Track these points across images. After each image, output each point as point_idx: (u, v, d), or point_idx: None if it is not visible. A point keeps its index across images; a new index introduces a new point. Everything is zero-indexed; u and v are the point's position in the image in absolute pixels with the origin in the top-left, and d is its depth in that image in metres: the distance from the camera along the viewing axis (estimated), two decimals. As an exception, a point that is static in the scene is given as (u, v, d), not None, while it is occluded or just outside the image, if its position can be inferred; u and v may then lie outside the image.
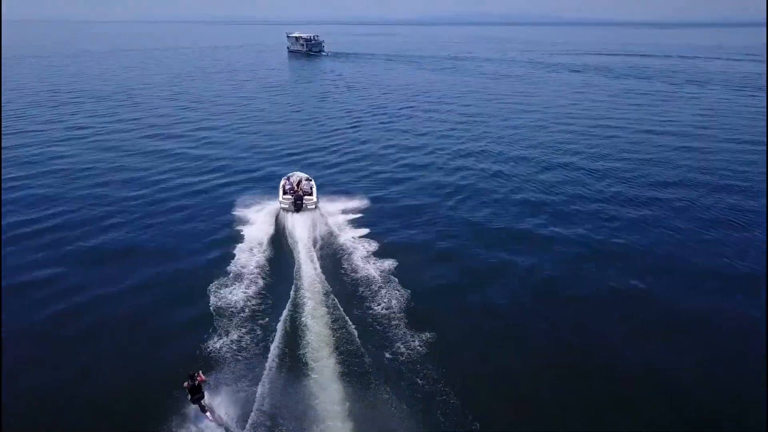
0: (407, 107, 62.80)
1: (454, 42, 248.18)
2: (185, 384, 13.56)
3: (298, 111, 60.68)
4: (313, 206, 26.34)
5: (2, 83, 75.50)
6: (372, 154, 41.04)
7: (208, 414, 13.91)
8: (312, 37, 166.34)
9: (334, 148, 42.94)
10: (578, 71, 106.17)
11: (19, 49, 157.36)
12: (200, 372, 13.90)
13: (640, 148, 42.90)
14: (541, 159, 39.95)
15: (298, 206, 25.89)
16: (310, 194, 26.70)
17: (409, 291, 19.86)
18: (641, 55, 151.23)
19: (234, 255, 22.27)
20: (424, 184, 33.85)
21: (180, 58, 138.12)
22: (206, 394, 14.01)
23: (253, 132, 49.12)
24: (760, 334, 18.29)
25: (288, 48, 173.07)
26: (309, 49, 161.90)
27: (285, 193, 26.64)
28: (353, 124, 52.29)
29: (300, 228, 24.34)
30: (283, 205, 26.20)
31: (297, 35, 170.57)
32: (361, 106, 63.25)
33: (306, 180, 27.98)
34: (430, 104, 64.84)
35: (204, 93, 72.50)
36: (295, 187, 26.92)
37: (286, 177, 28.29)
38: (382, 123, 53.51)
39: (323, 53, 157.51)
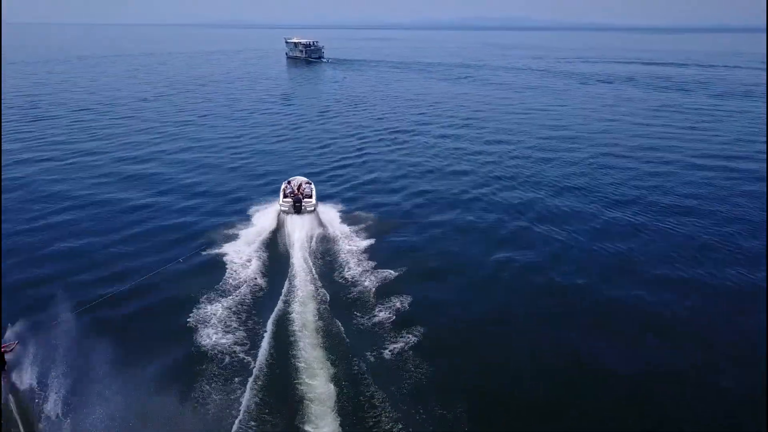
0: (418, 123, 59.48)
1: (461, 48, 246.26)
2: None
3: (296, 128, 57.14)
4: (312, 209, 27.20)
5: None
6: (380, 176, 39.09)
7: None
8: (311, 43, 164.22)
9: (338, 172, 40.38)
10: (606, 81, 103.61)
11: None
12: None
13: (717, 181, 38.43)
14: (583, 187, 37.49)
15: (297, 208, 26.80)
16: (310, 197, 27.61)
17: (401, 294, 20.71)
18: (662, 63, 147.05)
19: (231, 253, 23.53)
20: (430, 195, 34.38)
21: (173, 64, 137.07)
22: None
23: (247, 156, 44.90)
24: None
25: (287, 54, 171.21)
26: (308, 56, 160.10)
27: (285, 196, 27.47)
28: (359, 147, 48.21)
29: (298, 229, 25.36)
30: (283, 208, 27.01)
31: (296, 41, 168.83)
32: (366, 121, 60.05)
33: (306, 183, 29.03)
34: (445, 121, 61.34)
35: (195, 107, 68.55)
36: (296, 191, 27.93)
37: (287, 181, 29.32)
38: (390, 137, 51.53)
39: (323, 60, 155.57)
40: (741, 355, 18.30)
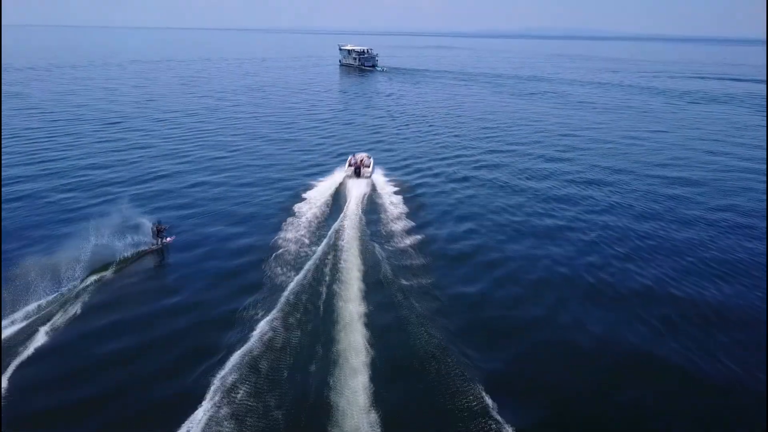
0: (492, 153, 53.44)
1: (529, 58, 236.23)
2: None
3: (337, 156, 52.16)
4: (368, 175, 39.86)
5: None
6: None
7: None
8: (365, 51, 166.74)
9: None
10: (704, 101, 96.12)
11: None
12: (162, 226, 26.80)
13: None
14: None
15: (357, 173, 39.51)
16: (368, 167, 40.66)
17: (423, 239, 29.43)
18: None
19: (309, 196, 35.97)
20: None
21: (221, 72, 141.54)
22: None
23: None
24: None
25: (340, 61, 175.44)
26: (362, 63, 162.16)
27: (350, 165, 40.70)
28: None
29: (355, 187, 37.58)
30: (347, 173, 40.00)
31: (350, 48, 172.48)
32: (424, 149, 54.28)
33: (366, 157, 42.40)
34: (525, 149, 55.07)
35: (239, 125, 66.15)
36: (358, 162, 40.93)
37: (352, 154, 43.05)
38: (454, 173, 46.00)
39: (377, 68, 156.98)
40: None
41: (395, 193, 37.20)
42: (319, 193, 36.57)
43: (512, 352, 19.74)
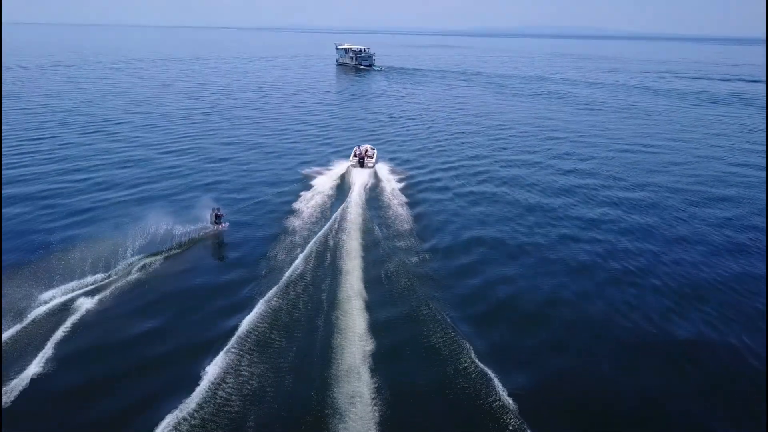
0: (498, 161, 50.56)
1: (530, 57, 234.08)
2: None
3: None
4: (372, 166, 42.53)
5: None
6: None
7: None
8: (362, 50, 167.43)
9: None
10: (715, 102, 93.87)
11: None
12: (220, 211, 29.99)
13: None
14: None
15: (361, 163, 42.32)
16: (372, 158, 43.39)
17: (423, 233, 30.95)
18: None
19: (315, 184, 38.60)
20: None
21: (214, 70, 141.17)
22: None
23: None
24: None
25: (336, 60, 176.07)
26: (358, 63, 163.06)
27: (355, 155, 43.21)
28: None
29: (359, 176, 40.22)
30: (351, 163, 42.81)
31: (346, 47, 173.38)
32: (424, 158, 50.94)
33: (371, 148, 44.87)
34: (532, 157, 51.93)
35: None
36: (362, 153, 43.49)
37: (357, 146, 45.17)
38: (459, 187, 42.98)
39: (374, 68, 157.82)
40: None
41: (397, 181, 40.48)
42: (326, 180, 40.07)
43: (497, 320, 22.05)
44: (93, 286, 22.86)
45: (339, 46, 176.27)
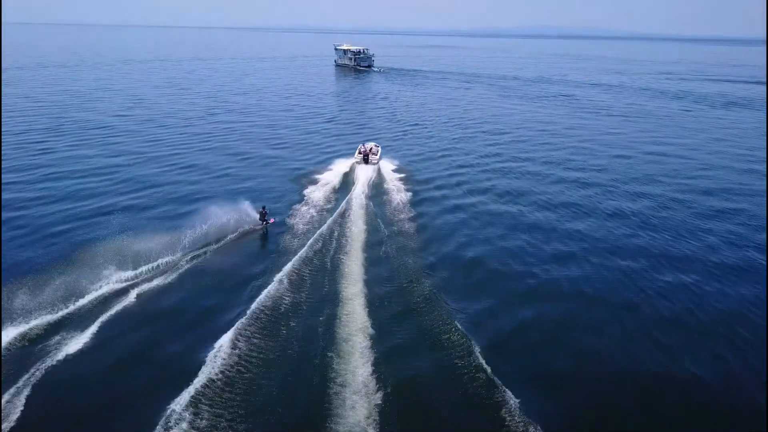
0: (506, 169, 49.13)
1: (531, 58, 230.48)
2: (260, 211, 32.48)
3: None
4: (376, 162, 45.55)
5: None
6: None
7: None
8: (361, 51, 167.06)
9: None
10: (724, 106, 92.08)
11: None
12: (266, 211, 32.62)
13: None
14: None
15: (365, 160, 45.13)
16: (376, 155, 46.41)
17: (420, 222, 33.51)
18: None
19: (321, 178, 41.41)
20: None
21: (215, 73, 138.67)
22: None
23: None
24: None
25: (335, 61, 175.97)
26: (357, 63, 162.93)
27: (360, 152, 46.32)
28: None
29: (363, 172, 43.01)
30: (356, 160, 45.68)
31: (345, 47, 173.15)
32: (424, 171, 48.08)
33: (375, 146, 48.12)
34: (535, 161, 51.22)
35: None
36: (367, 150, 46.59)
37: (362, 143, 48.68)
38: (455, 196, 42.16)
39: (373, 69, 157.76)
40: None
41: (399, 179, 42.90)
42: (332, 175, 42.80)
43: (490, 302, 23.97)
44: (164, 262, 25.98)
45: (338, 47, 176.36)
